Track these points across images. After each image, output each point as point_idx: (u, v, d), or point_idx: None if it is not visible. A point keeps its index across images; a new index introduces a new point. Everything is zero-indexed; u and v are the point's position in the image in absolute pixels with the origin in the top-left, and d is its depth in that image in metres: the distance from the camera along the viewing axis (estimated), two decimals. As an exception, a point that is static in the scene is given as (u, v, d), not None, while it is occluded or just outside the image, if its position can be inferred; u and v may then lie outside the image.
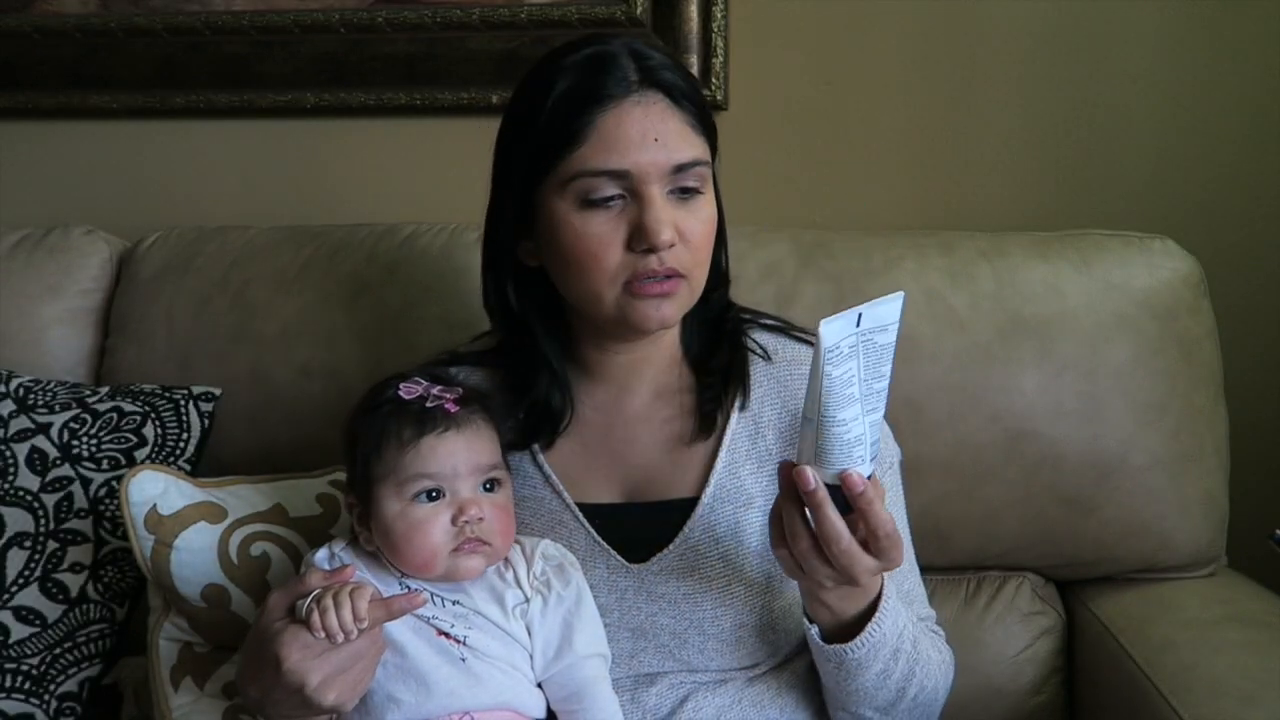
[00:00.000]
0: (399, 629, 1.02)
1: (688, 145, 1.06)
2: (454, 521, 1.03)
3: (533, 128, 1.07)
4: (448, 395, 1.06)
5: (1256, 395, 1.60)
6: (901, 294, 0.91)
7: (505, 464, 1.10)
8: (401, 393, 1.06)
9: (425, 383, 1.07)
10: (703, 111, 1.09)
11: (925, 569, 1.25)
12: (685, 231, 1.06)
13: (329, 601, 0.96)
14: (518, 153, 1.10)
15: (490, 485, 1.06)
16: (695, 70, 1.65)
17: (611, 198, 1.05)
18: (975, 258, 1.41)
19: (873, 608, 1.03)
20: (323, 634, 0.96)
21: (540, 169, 1.07)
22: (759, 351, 1.18)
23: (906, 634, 1.07)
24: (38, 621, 1.36)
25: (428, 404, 1.05)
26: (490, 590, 1.06)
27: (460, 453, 1.04)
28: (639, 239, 1.04)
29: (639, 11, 1.66)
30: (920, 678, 1.09)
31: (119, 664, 1.41)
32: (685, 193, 1.06)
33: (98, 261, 1.65)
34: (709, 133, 1.10)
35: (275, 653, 0.97)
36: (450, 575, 1.05)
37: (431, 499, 1.04)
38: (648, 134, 1.04)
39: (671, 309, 1.08)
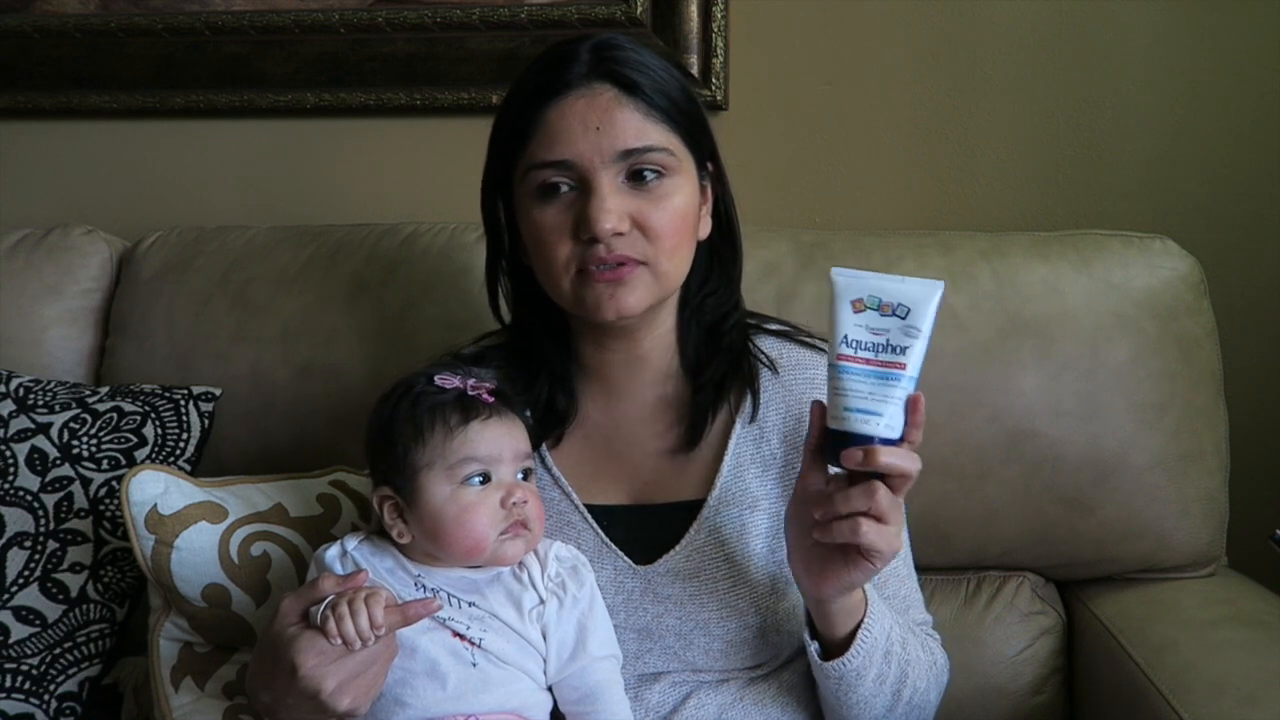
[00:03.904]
0: (414, 630, 1.02)
1: (639, 133, 1.06)
2: (502, 504, 1.04)
3: (500, 126, 1.12)
4: (485, 385, 1.08)
5: (1256, 395, 1.60)
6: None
7: (533, 455, 1.11)
8: (439, 383, 1.07)
9: (459, 374, 1.08)
10: (674, 103, 1.09)
11: (925, 569, 1.25)
12: (643, 220, 1.06)
13: (345, 608, 0.96)
14: (492, 151, 1.14)
15: (525, 474, 1.08)
16: (695, 70, 1.65)
17: (560, 188, 1.07)
18: (975, 258, 1.41)
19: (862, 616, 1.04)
20: (339, 640, 0.96)
21: (508, 165, 1.11)
22: (764, 361, 1.18)
23: (895, 635, 1.08)
24: (38, 621, 1.36)
25: (468, 393, 1.06)
26: (506, 593, 1.06)
27: (504, 438, 1.06)
28: (583, 227, 1.05)
29: (639, 11, 1.66)
30: (912, 678, 1.10)
31: (119, 664, 1.42)
32: (641, 179, 1.07)
33: (98, 261, 1.65)
34: (682, 125, 1.10)
35: (290, 659, 0.96)
36: (495, 560, 1.05)
37: (480, 483, 1.05)
38: (589, 123, 1.06)
39: (629, 298, 1.07)
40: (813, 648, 1.06)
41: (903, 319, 0.94)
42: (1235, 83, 1.59)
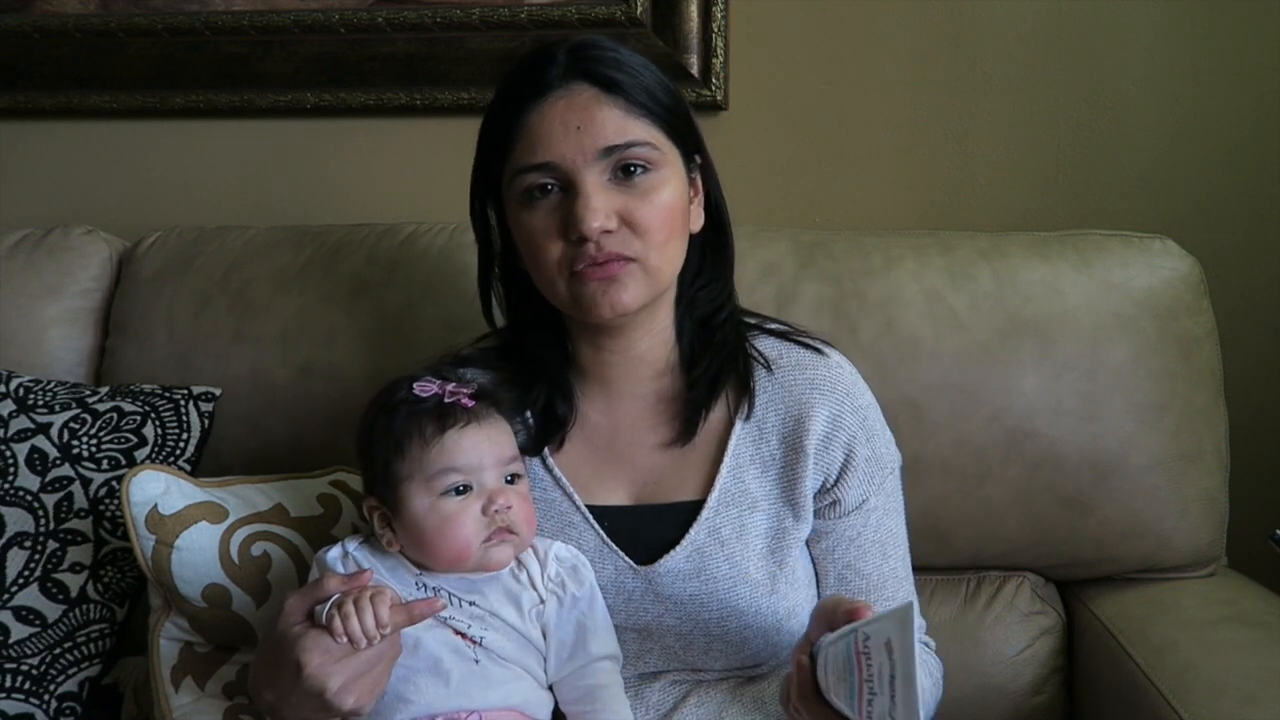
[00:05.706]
0: (416, 628, 1.02)
1: (620, 130, 1.06)
2: (484, 512, 1.04)
3: (484, 134, 1.13)
4: (463, 391, 1.07)
5: (1256, 395, 1.60)
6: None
7: (521, 457, 1.11)
8: (417, 391, 1.07)
9: (439, 380, 1.08)
10: (654, 98, 1.09)
11: (925, 569, 1.25)
12: (631, 216, 1.06)
13: (350, 607, 0.96)
14: (478, 159, 1.14)
15: (511, 478, 1.07)
16: (695, 70, 1.65)
17: (547, 190, 1.07)
18: (975, 258, 1.41)
19: None
20: (344, 639, 0.96)
21: (495, 172, 1.11)
22: (760, 360, 1.18)
23: None
24: (38, 621, 1.36)
25: (445, 400, 1.06)
26: (506, 592, 1.07)
27: (483, 445, 1.06)
28: (571, 228, 1.05)
29: (639, 11, 1.66)
30: None
31: (119, 664, 1.42)
32: (628, 175, 1.07)
33: (98, 261, 1.65)
34: (665, 119, 1.09)
35: (295, 658, 0.97)
36: (482, 566, 1.05)
37: (459, 493, 1.04)
38: (570, 123, 1.06)
39: (624, 295, 1.07)
40: None
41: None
42: (1235, 83, 1.59)
